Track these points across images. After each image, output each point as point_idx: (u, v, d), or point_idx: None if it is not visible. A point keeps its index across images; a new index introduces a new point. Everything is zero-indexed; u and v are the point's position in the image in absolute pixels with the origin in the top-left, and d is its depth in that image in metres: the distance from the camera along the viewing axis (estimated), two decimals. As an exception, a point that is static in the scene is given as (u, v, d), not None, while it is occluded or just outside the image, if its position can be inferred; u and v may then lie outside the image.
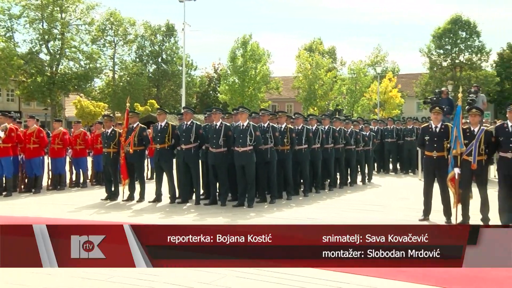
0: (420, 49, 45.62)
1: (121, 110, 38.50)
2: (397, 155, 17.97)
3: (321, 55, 45.12)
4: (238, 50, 38.88)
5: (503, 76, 46.09)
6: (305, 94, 40.68)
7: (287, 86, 48.02)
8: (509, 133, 7.89)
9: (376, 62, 48.32)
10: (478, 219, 8.17)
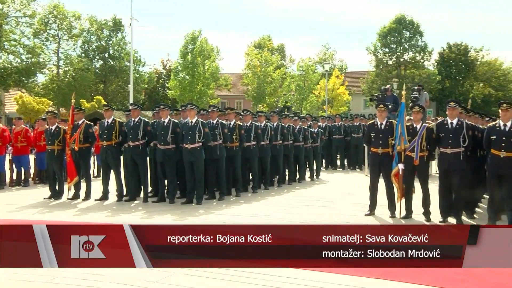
0: (366, 48, 46.71)
1: (66, 107, 37.39)
2: (344, 152, 18.34)
3: (270, 52, 45.33)
4: (188, 46, 38.53)
5: (444, 75, 47.79)
6: (254, 91, 40.80)
7: (236, 83, 48.03)
8: (448, 130, 8.19)
9: (324, 60, 49.05)
10: (420, 213, 8.46)
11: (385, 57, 45.91)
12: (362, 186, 11.45)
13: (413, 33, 45.25)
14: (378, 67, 46.12)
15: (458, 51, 50.36)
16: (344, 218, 8.56)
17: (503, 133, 7.78)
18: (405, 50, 45.42)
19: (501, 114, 7.98)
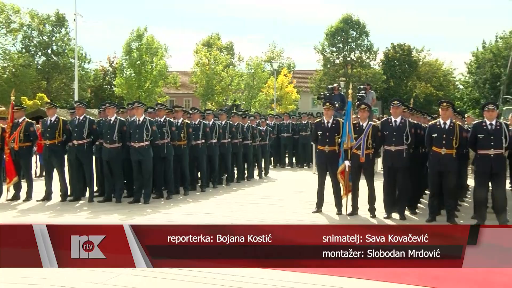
0: (314, 47, 47.37)
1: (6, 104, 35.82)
2: (292, 150, 18.51)
3: (219, 51, 45.21)
4: (133, 43, 37.83)
5: (389, 74, 49.11)
6: (203, 89, 40.59)
7: (185, 81, 47.59)
8: (392, 128, 8.42)
9: (272, 58, 49.35)
10: (366, 209, 8.65)
11: (333, 56, 46.70)
12: (310, 183, 11.58)
13: (359, 33, 46.21)
14: (325, 66, 46.83)
15: (401, 51, 51.89)
16: (291, 216, 8.64)
17: (443, 131, 8.06)
18: (352, 49, 46.34)
19: (441, 112, 8.27)
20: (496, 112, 8.06)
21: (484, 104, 8.38)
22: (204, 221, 8.06)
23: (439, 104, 8.50)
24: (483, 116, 8.22)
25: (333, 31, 45.79)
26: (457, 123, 8.22)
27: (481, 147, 7.94)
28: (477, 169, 8.15)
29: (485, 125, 7.98)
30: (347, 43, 45.97)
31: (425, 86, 51.47)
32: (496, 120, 8.00)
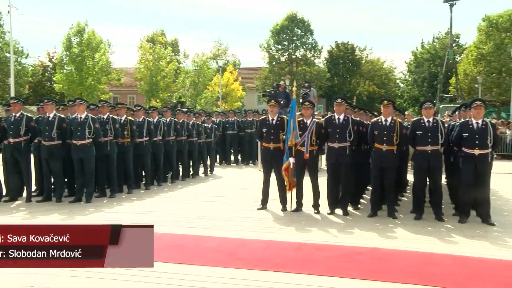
0: (260, 44, 47.60)
1: None
2: (238, 147, 18.51)
3: (164, 47, 44.57)
4: (74, 38, 36.66)
5: (333, 72, 50.03)
6: (147, 86, 39.93)
7: (129, 78, 46.68)
8: (336, 125, 8.56)
9: (218, 56, 49.18)
10: (310, 206, 8.76)
11: (278, 53, 47.08)
12: (255, 180, 11.63)
13: (304, 31, 46.81)
14: (271, 64, 47.16)
15: (345, 50, 52.99)
16: (236, 213, 8.64)
17: (384, 128, 8.28)
18: (297, 47, 46.88)
19: (382, 110, 8.48)
20: (433, 109, 8.34)
21: (422, 102, 8.66)
22: (147, 220, 7.94)
23: (380, 102, 8.72)
24: (421, 114, 8.49)
25: (278, 29, 46.17)
26: (397, 120, 8.46)
27: (419, 144, 8.21)
28: (416, 165, 8.41)
29: (423, 123, 8.25)
30: (292, 41, 46.46)
31: (368, 84, 52.78)
32: (433, 117, 8.28)
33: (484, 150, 7.90)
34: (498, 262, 5.83)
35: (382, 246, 6.48)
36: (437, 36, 53.71)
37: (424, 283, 5.04)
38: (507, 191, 11.64)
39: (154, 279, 5.13)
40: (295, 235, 7.13)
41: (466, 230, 7.49)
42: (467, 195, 8.07)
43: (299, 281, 5.11)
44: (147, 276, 5.16)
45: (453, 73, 39.93)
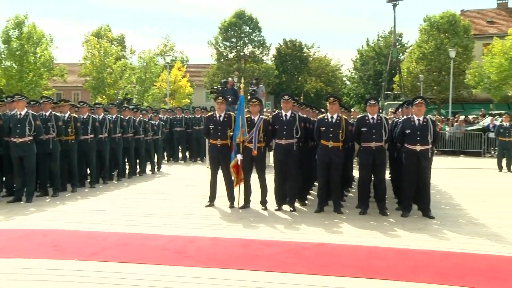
0: (208, 41, 47.38)
1: None
2: (186, 144, 18.37)
3: (110, 43, 43.61)
4: (12, 32, 35.19)
5: (281, 69, 50.42)
6: (93, 82, 38.95)
7: (73, 74, 45.40)
8: (283, 122, 8.63)
9: (165, 52, 48.57)
10: (258, 202, 8.80)
11: (226, 50, 47.00)
12: (203, 177, 11.57)
13: (252, 28, 46.91)
14: (219, 61, 47.02)
15: (293, 47, 53.51)
16: (184, 210, 8.58)
17: (330, 124, 8.42)
18: (245, 44, 46.95)
19: (328, 107, 8.62)
20: (377, 106, 8.55)
21: (366, 99, 8.85)
22: (92, 219, 7.77)
23: (326, 99, 8.85)
24: (366, 111, 8.69)
25: (226, 26, 46.10)
26: (343, 117, 8.61)
27: (364, 140, 8.40)
28: (361, 161, 8.60)
29: (367, 119, 8.45)
30: (240, 38, 46.50)
31: (315, 81, 53.53)
32: (377, 114, 8.49)
33: (425, 146, 8.17)
34: (436, 253, 6.04)
35: (328, 241, 6.59)
36: (382, 35, 55.11)
37: (368, 276, 5.16)
38: (446, 185, 12.09)
39: (98, 279, 5.02)
40: (243, 231, 7.15)
41: (408, 223, 7.72)
42: (409, 190, 8.33)
43: (246, 277, 5.13)
44: (89, 277, 5.06)
45: (397, 71, 41.05)
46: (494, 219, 8.14)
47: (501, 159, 16.35)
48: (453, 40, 39.68)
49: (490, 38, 39.68)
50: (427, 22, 41.50)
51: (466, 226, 7.61)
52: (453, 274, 5.22)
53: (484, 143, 22.96)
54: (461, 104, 41.59)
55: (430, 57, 40.51)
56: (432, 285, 4.92)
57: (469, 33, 40.96)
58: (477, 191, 11.70)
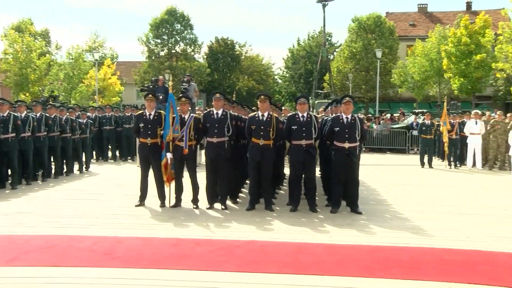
0: (138, 38, 46.42)
1: None
2: (116, 143, 17.93)
3: (33, 37, 41.72)
4: None
5: (213, 67, 50.27)
6: (16, 78, 37.16)
7: (-9, 69, 43.04)
8: (214, 120, 8.61)
9: (94, 48, 47.17)
10: (189, 201, 8.73)
11: (157, 48, 46.27)
12: (133, 177, 11.33)
13: (184, 25, 46.44)
14: (150, 58, 46.23)
15: (225, 45, 53.47)
16: (113, 211, 8.37)
17: (261, 122, 8.47)
18: (177, 42, 46.41)
19: (259, 105, 8.67)
20: (307, 105, 8.69)
21: (296, 97, 8.98)
22: (15, 222, 7.42)
23: (257, 97, 8.91)
24: (296, 109, 8.81)
25: (157, 23, 45.37)
26: (274, 115, 8.69)
27: (294, 138, 8.51)
28: (291, 158, 8.71)
29: (297, 118, 8.57)
30: (172, 36, 45.92)
31: (247, 79, 53.76)
32: (308, 112, 8.64)
33: (353, 143, 8.40)
34: (363, 247, 6.23)
35: (259, 238, 6.63)
36: (312, 35, 56.21)
37: (297, 272, 5.24)
38: (373, 182, 12.50)
39: (17, 285, 4.79)
40: (174, 231, 7.06)
41: (337, 219, 7.91)
42: (338, 187, 8.54)
43: (176, 277, 5.07)
44: (7, 284, 4.82)
45: (327, 70, 42.01)
46: (416, 212, 8.52)
47: (423, 156, 17.11)
48: (379, 40, 41.13)
49: (413, 40, 41.54)
50: (356, 23, 42.78)
51: (391, 221, 7.90)
52: (378, 267, 5.40)
53: (408, 141, 23.95)
54: (387, 102, 43.23)
55: (359, 56, 41.81)
56: (358, 278, 5.07)
57: (394, 34, 42.61)
58: (402, 186, 12.18)
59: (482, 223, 7.81)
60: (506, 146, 15.34)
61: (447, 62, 33.12)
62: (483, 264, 5.62)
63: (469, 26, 32.66)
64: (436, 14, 49.31)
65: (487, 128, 16.41)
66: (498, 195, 10.87)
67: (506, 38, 29.65)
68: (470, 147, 16.55)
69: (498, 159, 16.50)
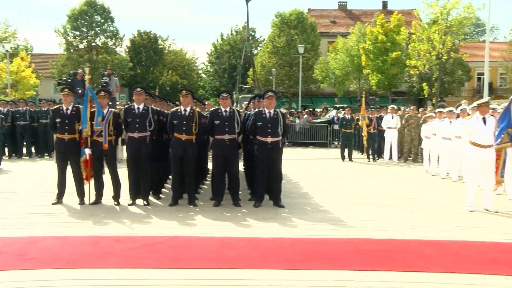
0: (55, 29, 44.49)
1: None
2: (31, 138, 17.11)
3: None
4: None
5: (135, 61, 49.19)
6: None
7: None
8: (135, 114, 8.43)
9: (5, 39, 44.63)
10: (110, 197, 8.50)
11: (76, 40, 44.51)
12: (50, 174, 10.85)
13: (104, 18, 44.97)
14: (68, 51, 44.41)
15: (148, 39, 52.49)
16: (27, 210, 7.99)
17: (183, 117, 8.39)
18: (97, 34, 44.85)
19: (181, 100, 8.59)
20: (229, 100, 8.70)
21: (219, 92, 8.98)
22: None
23: (179, 92, 8.81)
24: (219, 104, 8.79)
25: (76, 14, 43.62)
26: (196, 110, 8.63)
27: (217, 133, 8.50)
28: (214, 153, 8.70)
29: (220, 112, 8.56)
30: (91, 28, 44.30)
31: (171, 74, 53.11)
32: (230, 107, 8.65)
33: (275, 138, 8.50)
34: (285, 240, 6.34)
35: (182, 234, 6.57)
36: (236, 29, 56.37)
37: (220, 266, 5.24)
38: (296, 175, 12.75)
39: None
40: (93, 228, 6.85)
41: (260, 213, 7.99)
42: (261, 181, 8.62)
43: (95, 276, 4.92)
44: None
45: (251, 65, 42.28)
46: (337, 205, 8.78)
47: (343, 150, 17.65)
48: (301, 36, 41.92)
49: (334, 36, 42.77)
50: (279, 18, 43.33)
51: (312, 213, 8.09)
52: (299, 259, 5.51)
53: (330, 135, 24.61)
54: (310, 98, 44.20)
55: (282, 52, 42.39)
56: (280, 271, 5.15)
57: (316, 31, 43.59)
58: (323, 179, 12.51)
59: (397, 213, 8.18)
60: (419, 139, 16.13)
61: (366, 59, 34.37)
62: (397, 252, 5.89)
63: (384, 25, 34.06)
64: (355, 12, 51.02)
65: (402, 123, 17.19)
66: (411, 186, 11.42)
67: (418, 36, 31.25)
68: (387, 140, 17.26)
69: (412, 152, 17.35)
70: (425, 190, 10.72)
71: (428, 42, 30.19)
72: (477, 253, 5.86)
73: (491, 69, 38.20)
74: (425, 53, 30.53)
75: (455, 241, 6.43)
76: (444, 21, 29.37)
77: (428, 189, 10.89)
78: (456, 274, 5.12)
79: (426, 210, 8.42)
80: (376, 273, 5.10)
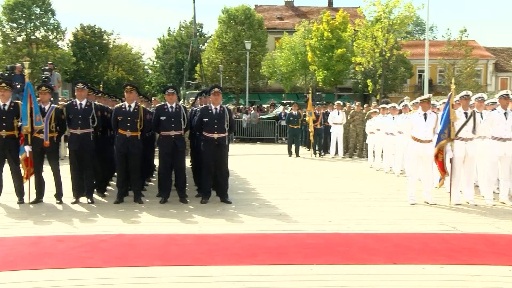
0: (-11, 21, 42.51)
1: None
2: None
3: None
4: None
5: (79, 56, 47.85)
6: None
7: None
8: (77, 110, 8.22)
9: None
10: (52, 196, 8.25)
11: (13, 33, 42.77)
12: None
13: (44, 10, 43.42)
14: (5, 43, 42.64)
15: (92, 33, 51.16)
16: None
17: (128, 114, 8.24)
18: (36, 27, 43.27)
19: (126, 96, 8.45)
20: (175, 95, 8.62)
21: (164, 88, 8.89)
22: None
23: (123, 88, 8.65)
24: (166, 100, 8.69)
25: (12, 5, 41.82)
26: (141, 106, 8.50)
27: (163, 129, 8.40)
28: (161, 150, 8.59)
29: (166, 108, 8.46)
30: (30, 20, 42.66)
31: (116, 69, 52.02)
32: (176, 103, 8.56)
33: (222, 134, 8.49)
34: (232, 236, 6.35)
35: (127, 231, 6.46)
36: (183, 25, 55.84)
37: (166, 263, 5.19)
38: (243, 171, 12.79)
39: None
40: (33, 228, 6.62)
41: (207, 209, 7.96)
42: (208, 177, 8.59)
43: (34, 277, 4.74)
44: None
45: (198, 60, 42.01)
46: (283, 200, 8.86)
47: (291, 145, 17.83)
48: (248, 32, 41.98)
49: (281, 32, 43.10)
50: (225, 14, 43.20)
51: (259, 209, 8.13)
52: (246, 254, 5.53)
53: (277, 131, 24.81)
54: (257, 93, 44.38)
55: (229, 48, 42.30)
56: (227, 267, 5.15)
57: (263, 27, 43.76)
58: (270, 175, 12.60)
59: (342, 207, 8.35)
60: (364, 135, 16.50)
61: (312, 56, 34.82)
62: (342, 245, 6.01)
63: (330, 22, 34.61)
64: (302, 8, 51.56)
65: (348, 118, 17.54)
66: (356, 180, 11.68)
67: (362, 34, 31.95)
68: (333, 136, 17.57)
69: (357, 147, 17.73)
70: (369, 185, 10.99)
71: (372, 40, 30.92)
72: (418, 244, 6.06)
73: (431, 66, 39.71)
74: (369, 50, 31.25)
75: (398, 234, 6.63)
76: (386, 19, 30.13)
77: (372, 184, 11.17)
78: (397, 265, 5.29)
79: (370, 204, 8.63)
80: (321, 266, 5.19)
